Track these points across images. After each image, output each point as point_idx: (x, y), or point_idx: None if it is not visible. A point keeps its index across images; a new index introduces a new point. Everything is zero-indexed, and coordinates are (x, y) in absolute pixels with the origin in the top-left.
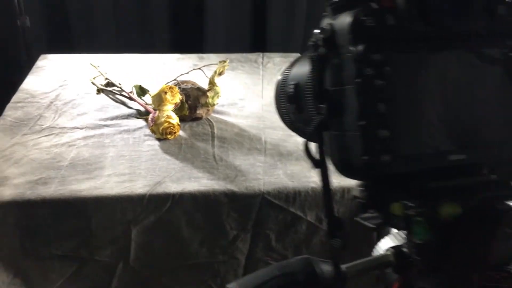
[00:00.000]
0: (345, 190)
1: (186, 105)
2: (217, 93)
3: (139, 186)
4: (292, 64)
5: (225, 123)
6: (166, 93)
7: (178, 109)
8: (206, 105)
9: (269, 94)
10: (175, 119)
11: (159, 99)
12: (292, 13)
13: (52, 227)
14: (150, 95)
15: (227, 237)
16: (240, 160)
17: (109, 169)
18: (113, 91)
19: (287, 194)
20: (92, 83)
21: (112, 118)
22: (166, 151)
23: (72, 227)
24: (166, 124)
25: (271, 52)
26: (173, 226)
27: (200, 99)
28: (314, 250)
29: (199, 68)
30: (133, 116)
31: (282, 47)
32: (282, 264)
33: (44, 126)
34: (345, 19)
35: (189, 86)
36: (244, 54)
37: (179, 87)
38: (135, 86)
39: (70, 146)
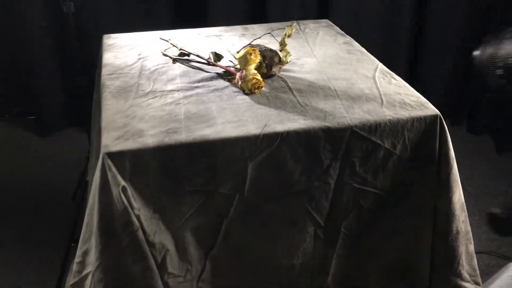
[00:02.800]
0: (414, 120)
1: (264, 64)
2: (288, 52)
3: (252, 129)
4: (501, 39)
5: (295, 78)
6: (251, 54)
7: (257, 68)
8: (280, 63)
9: (319, 54)
10: (259, 76)
11: (244, 60)
12: None
13: (186, 167)
14: (235, 57)
15: (322, 166)
16: (322, 104)
17: (220, 118)
18: (189, 59)
19: (370, 126)
20: (164, 54)
21: (199, 81)
22: (258, 102)
23: (202, 165)
24: (254, 81)
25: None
26: (280, 160)
27: (274, 58)
28: (389, 172)
29: (269, 33)
30: (215, 78)
31: (282, 17)
32: None
33: (146, 91)
34: None
35: (263, 48)
36: (282, 23)
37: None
38: (212, 53)
39: (177, 104)
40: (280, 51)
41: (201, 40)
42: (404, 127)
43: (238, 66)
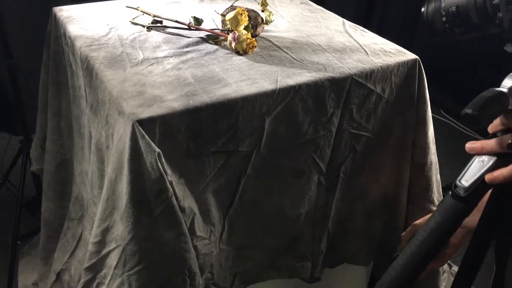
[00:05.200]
0: (399, 65)
1: (250, 25)
2: (271, 12)
3: (266, 85)
4: None
5: (277, 37)
6: (241, 15)
7: (245, 29)
8: (263, 23)
9: (285, 14)
10: (250, 36)
11: (236, 21)
12: None
13: (211, 127)
14: (224, 19)
15: (327, 115)
16: (316, 58)
17: (230, 78)
18: (164, 26)
19: (366, 73)
20: (133, 23)
21: (186, 46)
22: (256, 61)
23: (224, 125)
24: (248, 41)
25: None
26: (292, 112)
27: (257, 18)
28: (378, 115)
29: None
30: (201, 42)
31: None
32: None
33: (139, 59)
34: None
35: (246, 8)
36: None
37: None
38: (192, 17)
39: (178, 69)
40: (262, 11)
41: (161, 7)
42: (392, 72)
43: (222, 28)
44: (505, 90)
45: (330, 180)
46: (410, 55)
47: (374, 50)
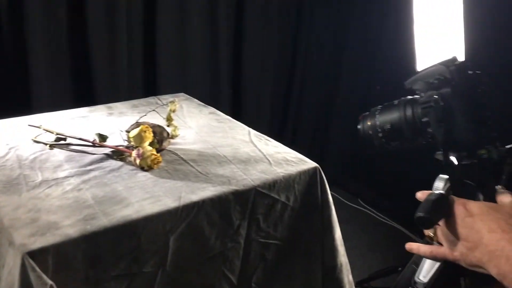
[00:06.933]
0: (301, 173)
1: (155, 140)
2: (176, 126)
3: (169, 202)
4: (373, 115)
5: (183, 150)
6: (145, 131)
7: (150, 144)
8: (171, 137)
9: (193, 125)
10: (155, 152)
11: (140, 138)
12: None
13: (110, 251)
14: (128, 136)
15: (233, 227)
16: (221, 170)
17: (133, 197)
18: (68, 143)
19: (269, 184)
20: (35, 141)
21: (89, 164)
22: (161, 176)
23: (126, 247)
24: (153, 157)
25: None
26: (198, 227)
27: (163, 133)
28: (285, 223)
29: (154, 110)
30: (105, 159)
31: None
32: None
33: (37, 181)
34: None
35: (151, 124)
36: (144, 99)
37: None
38: (96, 134)
39: (79, 190)
40: (168, 126)
41: (67, 123)
42: (294, 181)
43: (127, 144)
44: (443, 192)
45: None
46: (310, 164)
47: (277, 160)
